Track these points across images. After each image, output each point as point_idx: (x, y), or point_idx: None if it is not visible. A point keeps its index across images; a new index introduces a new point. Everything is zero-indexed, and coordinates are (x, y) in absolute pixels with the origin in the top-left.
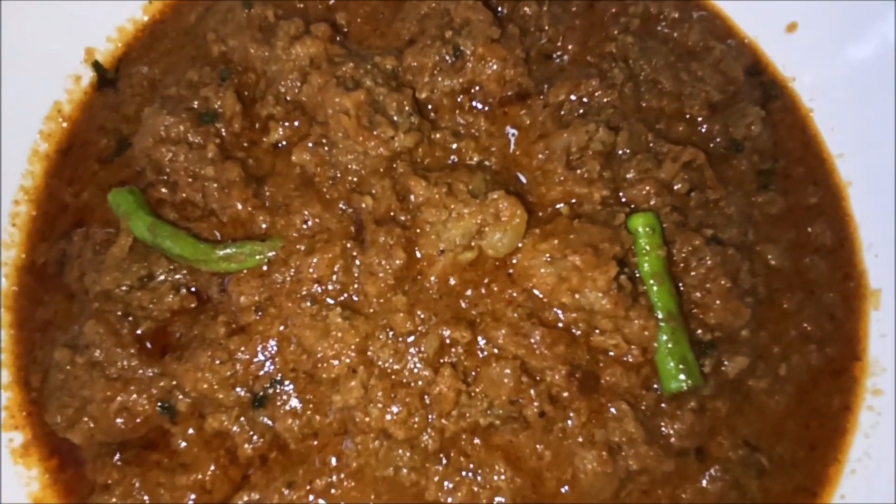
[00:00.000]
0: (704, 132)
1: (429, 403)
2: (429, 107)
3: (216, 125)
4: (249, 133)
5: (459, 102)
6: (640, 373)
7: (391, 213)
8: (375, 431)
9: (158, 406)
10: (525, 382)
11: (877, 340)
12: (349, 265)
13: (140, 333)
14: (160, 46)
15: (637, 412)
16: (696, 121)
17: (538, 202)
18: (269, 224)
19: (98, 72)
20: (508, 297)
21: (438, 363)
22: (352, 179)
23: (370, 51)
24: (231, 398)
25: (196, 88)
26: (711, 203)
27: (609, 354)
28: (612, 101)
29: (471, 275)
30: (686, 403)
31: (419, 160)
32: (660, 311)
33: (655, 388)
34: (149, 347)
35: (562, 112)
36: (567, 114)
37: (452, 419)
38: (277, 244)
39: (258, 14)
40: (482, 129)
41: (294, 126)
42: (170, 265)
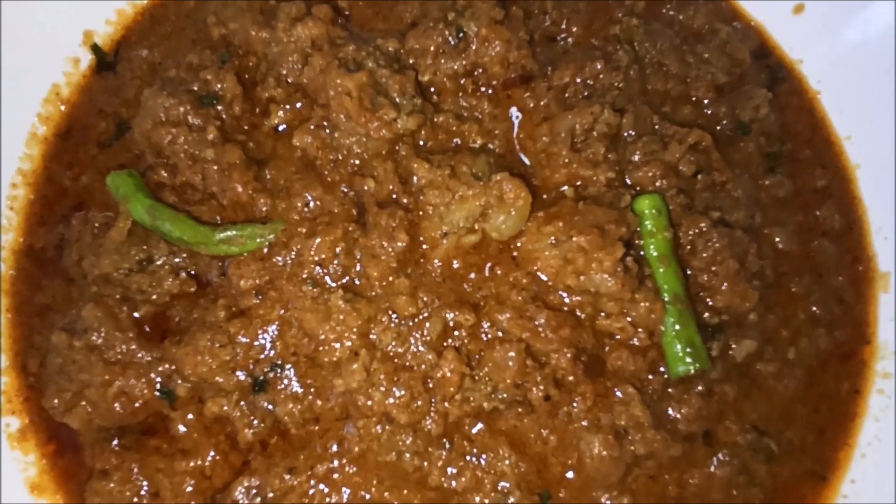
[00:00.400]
0: (710, 115)
1: (432, 387)
2: (431, 90)
3: (216, 108)
4: (250, 116)
5: (462, 85)
6: (647, 356)
7: (393, 196)
8: (378, 416)
9: (157, 391)
10: (530, 366)
11: (886, 324)
12: (351, 248)
13: (139, 317)
14: (160, 30)
15: (644, 396)
16: (703, 103)
17: (542, 185)
18: (270, 207)
19: (97, 55)
20: (513, 281)
21: (442, 346)
22: (354, 162)
23: (372, 34)
24: (231, 382)
25: (196, 71)
26: (718, 186)
27: (615, 338)
28: (617, 84)
29: (474, 258)
30: (693, 387)
31: (422, 143)
32: (666, 294)
33: (662, 372)
34: (148, 332)
35: (566, 95)
36: (571, 96)
37: (456, 403)
38: (278, 227)
39: None
40: (485, 112)
41: (295, 109)
42: (169, 249)
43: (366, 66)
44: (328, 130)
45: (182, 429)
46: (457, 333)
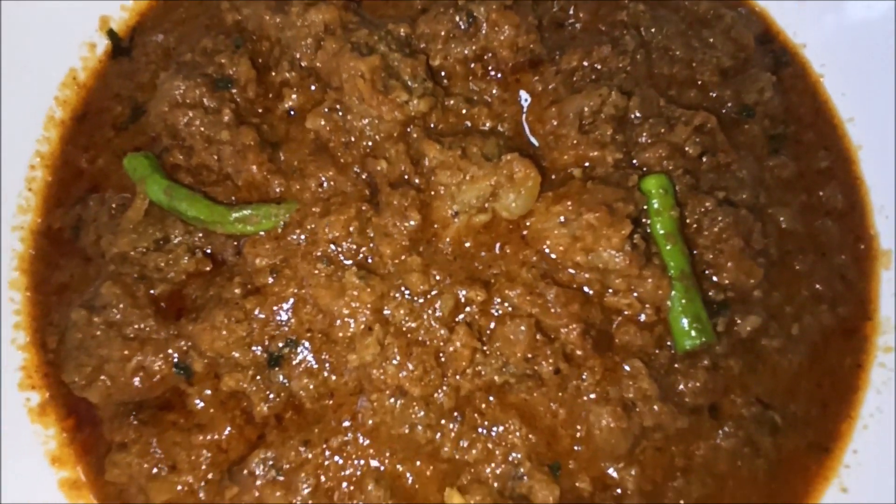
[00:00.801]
0: (716, 98)
1: (444, 361)
2: (442, 74)
3: (231, 91)
4: (263, 100)
5: (472, 69)
6: (654, 332)
7: (405, 177)
8: (391, 389)
9: (174, 366)
10: (540, 341)
11: (888, 299)
12: (364, 227)
13: (156, 295)
14: (174, 16)
15: (651, 370)
16: (708, 87)
17: (551, 167)
18: (284, 188)
19: (113, 40)
20: (523, 259)
21: (454, 322)
22: (366, 144)
23: (383, 19)
24: (247, 358)
25: (211, 56)
26: (723, 166)
27: (623, 314)
28: (624, 68)
29: (485, 237)
30: (699, 362)
31: (433, 126)
32: (673, 271)
33: (669, 347)
34: (164, 309)
35: (574, 79)
36: (579, 80)
37: (468, 377)
38: (292, 207)
39: None
40: (495, 96)
41: (308, 92)
42: (185, 228)
43: (378, 50)
44: (341, 113)
45: (199, 403)
46: (468, 309)
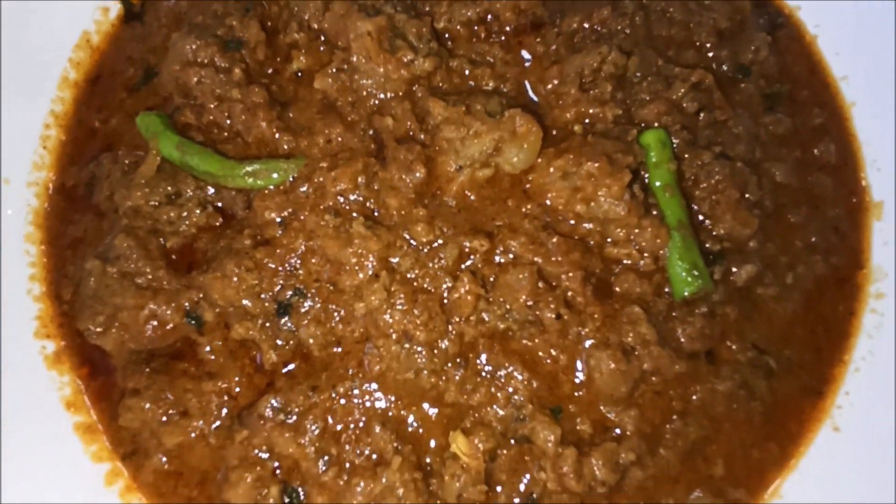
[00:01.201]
0: (713, 58)
1: (448, 308)
2: (446, 36)
3: (241, 52)
4: (273, 62)
5: (476, 31)
6: (653, 280)
7: (411, 133)
8: (397, 334)
9: (186, 316)
10: (541, 288)
11: (879, 248)
12: (371, 180)
13: (167, 248)
14: None
15: (650, 316)
16: (705, 47)
17: (552, 124)
18: (293, 145)
19: (125, 5)
20: (525, 211)
21: (458, 270)
22: (373, 103)
23: None
24: (257, 307)
25: (221, 18)
26: (720, 123)
27: (622, 263)
28: (624, 30)
29: (488, 191)
30: (697, 308)
31: (438, 85)
32: (671, 220)
33: (667, 294)
34: (175, 262)
35: (575, 40)
36: (580, 42)
37: (471, 324)
38: (301, 162)
39: None
40: (498, 57)
41: (317, 53)
42: (196, 183)
43: (384, 11)
44: (348, 73)
45: (209, 352)
46: (472, 259)
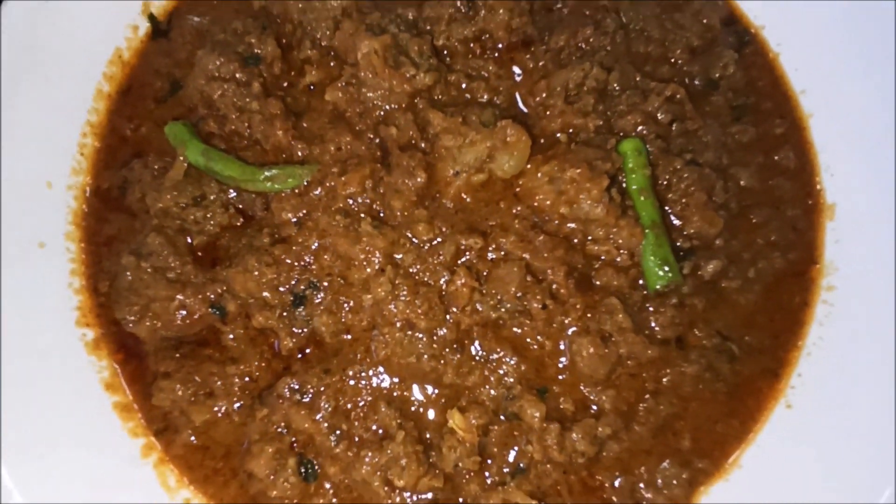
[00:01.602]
0: (685, 73)
1: (446, 300)
2: (445, 52)
3: (259, 67)
4: (287, 76)
5: (472, 48)
6: (629, 274)
7: (413, 141)
8: (401, 323)
9: (210, 307)
10: (529, 281)
11: (832, 246)
12: (377, 184)
13: (194, 245)
14: (208, 0)
15: (626, 307)
16: (678, 63)
17: (540, 133)
18: (307, 152)
19: (152, 23)
20: (515, 213)
21: (455, 265)
22: (378, 114)
23: (393, 2)
24: (275, 298)
25: (241, 36)
26: (691, 132)
27: (602, 259)
28: (605, 46)
29: (482, 194)
30: (668, 300)
31: (437, 98)
32: (645, 221)
33: (642, 287)
34: (201, 258)
35: (561, 56)
36: (565, 57)
37: (467, 313)
38: (314, 168)
39: None
40: (491, 72)
41: (327, 68)
42: (220, 187)
43: (389, 31)
44: (356, 87)
45: (232, 339)
46: (468, 255)
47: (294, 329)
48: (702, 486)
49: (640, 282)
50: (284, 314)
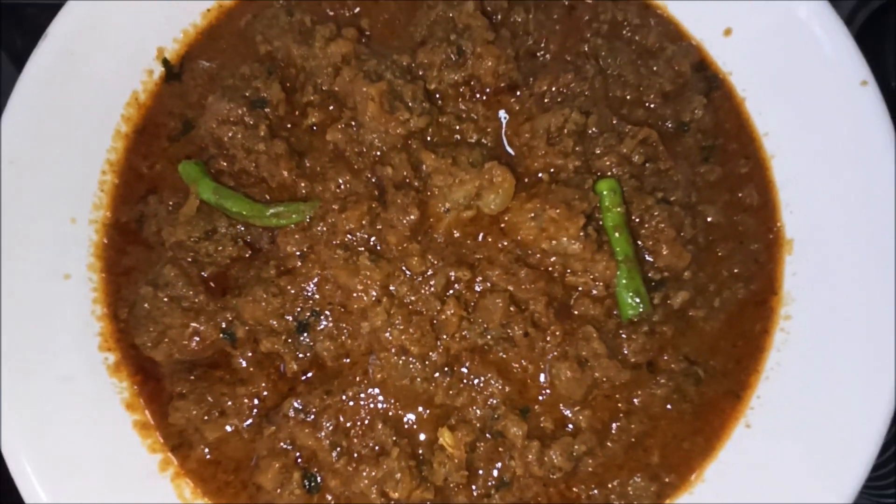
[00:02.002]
0: (658, 115)
1: (437, 327)
2: (437, 96)
3: (265, 110)
4: (291, 117)
5: (461, 92)
6: (604, 304)
7: (407, 180)
8: (395, 349)
9: (221, 332)
10: (513, 311)
11: (790, 278)
12: (374, 220)
13: (206, 276)
14: (217, 46)
15: (601, 334)
16: (652, 107)
17: (524, 172)
18: (309, 189)
19: (166, 67)
20: (501, 246)
21: (445, 296)
22: (375, 153)
23: (389, 50)
24: (280, 325)
25: (248, 80)
26: (663, 172)
27: (579, 289)
28: (585, 91)
29: (471, 229)
30: (640, 328)
31: (429, 138)
32: (619, 255)
33: (616, 316)
34: (213, 287)
35: (545, 100)
36: (549, 101)
37: (456, 340)
38: (316, 205)
39: (298, 20)
40: (480, 114)
41: (328, 111)
42: (229, 222)
43: (385, 77)
44: (355, 128)
45: (241, 363)
46: (456, 286)
47: (298, 353)
48: (668, 499)
49: (615, 311)
50: (289, 340)
